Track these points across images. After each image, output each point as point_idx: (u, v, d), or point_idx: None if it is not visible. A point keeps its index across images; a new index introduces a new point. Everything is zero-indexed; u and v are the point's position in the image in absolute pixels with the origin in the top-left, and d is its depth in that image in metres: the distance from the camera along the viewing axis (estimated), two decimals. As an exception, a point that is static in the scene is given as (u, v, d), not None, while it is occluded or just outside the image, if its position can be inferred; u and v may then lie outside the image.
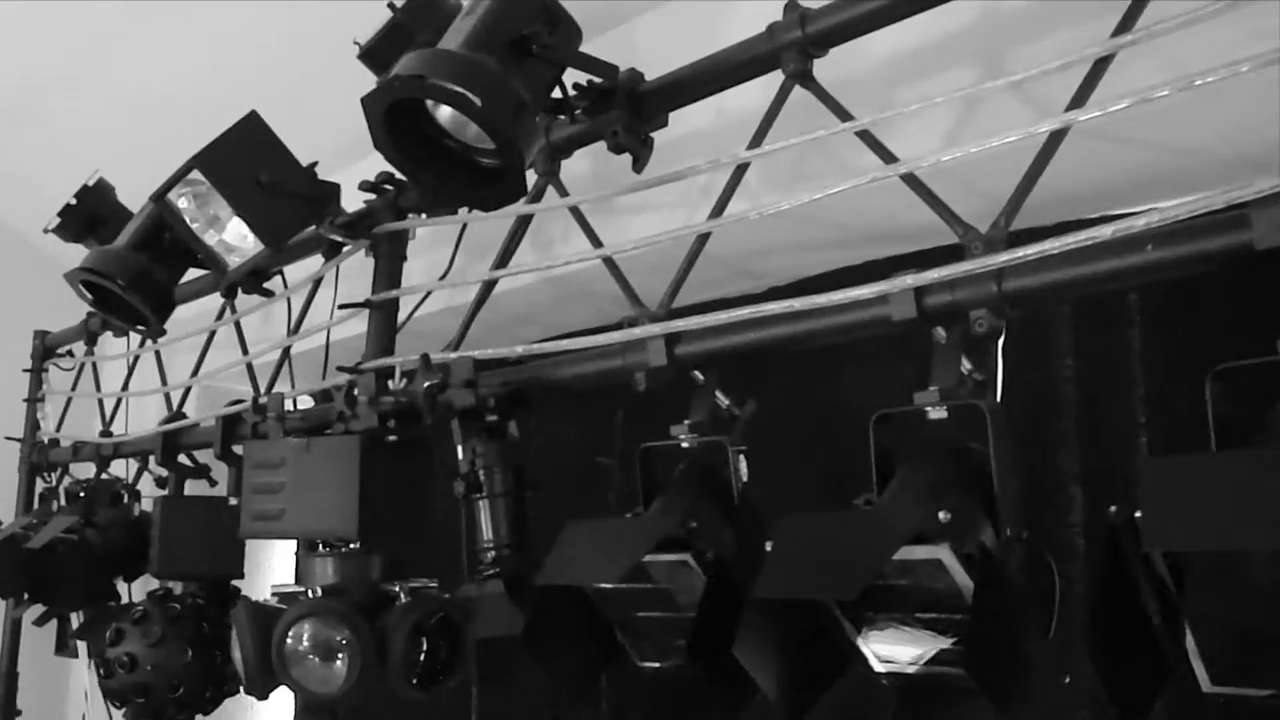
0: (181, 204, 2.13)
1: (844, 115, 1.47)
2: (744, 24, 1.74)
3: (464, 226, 2.16)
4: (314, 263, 2.47)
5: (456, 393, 1.74)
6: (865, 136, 1.45)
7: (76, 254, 3.35)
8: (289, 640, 1.86)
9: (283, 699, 2.74)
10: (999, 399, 2.10)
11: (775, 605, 1.29)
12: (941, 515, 1.17)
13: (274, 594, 1.99)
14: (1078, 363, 2.03)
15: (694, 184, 2.18)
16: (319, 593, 1.91)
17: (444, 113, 1.57)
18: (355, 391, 1.95)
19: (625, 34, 2.32)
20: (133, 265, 2.27)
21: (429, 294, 2.21)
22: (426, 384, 1.70)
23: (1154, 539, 0.99)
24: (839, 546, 1.17)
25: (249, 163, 2.00)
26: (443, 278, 2.17)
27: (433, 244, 2.30)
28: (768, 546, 1.31)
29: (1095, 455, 1.99)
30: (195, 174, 2.03)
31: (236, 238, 2.15)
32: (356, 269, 2.28)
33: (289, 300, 2.52)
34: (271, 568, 3.59)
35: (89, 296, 2.40)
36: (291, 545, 3.48)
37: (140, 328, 2.42)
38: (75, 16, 3.03)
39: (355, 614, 1.84)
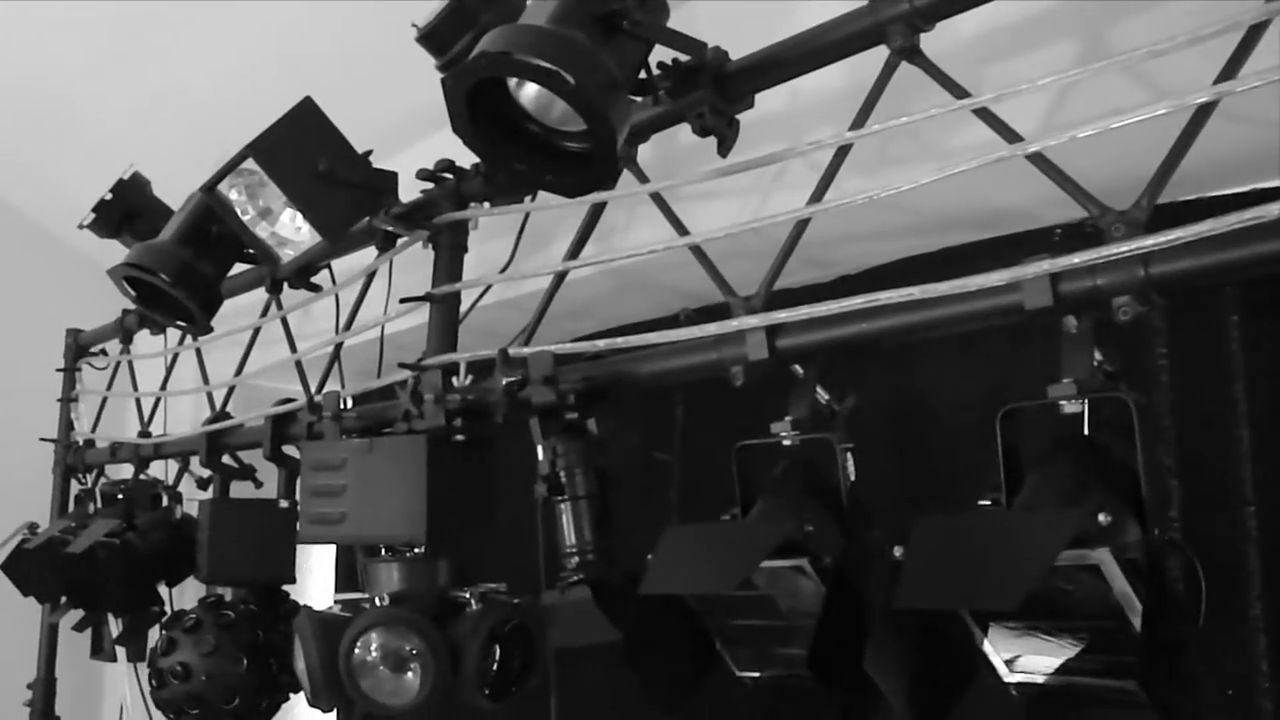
0: (232, 196, 2.05)
1: (960, 92, 1.38)
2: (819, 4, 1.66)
3: (526, 216, 2.08)
4: (359, 256, 2.40)
5: (535, 389, 1.65)
6: (984, 114, 1.36)
7: (109, 250, 3.27)
8: (357, 650, 1.78)
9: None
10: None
11: (906, 615, 1.21)
12: (1101, 517, 1.09)
13: (337, 602, 1.91)
14: (1172, 351, 1.94)
15: (766, 169, 2.10)
16: (385, 600, 1.83)
17: (527, 93, 1.48)
18: (420, 389, 1.87)
19: (688, 15, 2.23)
20: (179, 260, 2.18)
21: (490, 287, 2.13)
22: (506, 380, 1.61)
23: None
24: (991, 551, 1.09)
25: (304, 151, 1.92)
26: (504, 270, 2.08)
27: (482, 237, 2.20)
28: (896, 552, 1.23)
29: (1193, 448, 1.90)
30: (248, 164, 1.94)
31: (290, 230, 2.06)
32: (403, 261, 2.20)
33: (337, 296, 2.43)
34: (310, 569, 3.52)
35: (132, 293, 2.31)
36: (333, 549, 3.43)
37: (186, 324, 2.33)
38: (107, 8, 2.94)
39: (426, 623, 1.76)
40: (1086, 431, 1.29)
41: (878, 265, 2.25)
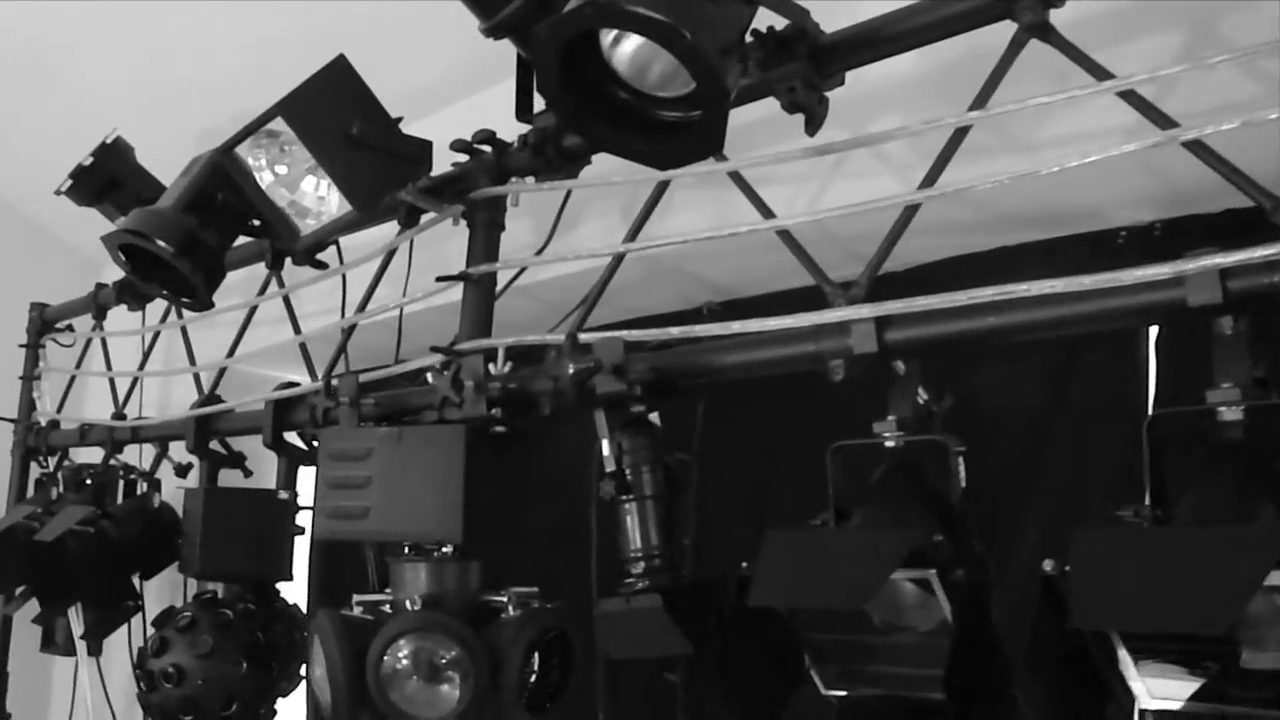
0: (249, 161, 1.89)
1: (1101, 73, 1.28)
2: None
3: (568, 194, 1.95)
4: (363, 235, 2.24)
5: (601, 379, 1.52)
6: (1130, 97, 1.25)
7: (74, 224, 3.06)
8: (386, 658, 1.63)
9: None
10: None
11: (1058, 635, 1.10)
12: (1305, 536, 0.99)
13: (358, 604, 1.75)
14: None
15: (824, 156, 1.98)
16: (417, 604, 1.68)
17: (622, 54, 1.34)
18: (461, 375, 1.73)
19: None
20: (183, 228, 2.00)
21: (523, 269, 1.99)
22: (576, 368, 1.48)
23: None
24: (1183, 569, 0.98)
25: (337, 113, 1.77)
26: (540, 251, 1.95)
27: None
28: (1047, 566, 1.12)
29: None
30: (271, 126, 1.79)
31: (312, 200, 1.91)
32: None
33: (344, 276, 2.28)
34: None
35: (126, 262, 2.12)
36: (306, 546, 3.25)
37: (186, 299, 2.15)
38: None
39: (466, 629, 1.62)
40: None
41: (928, 262, 2.14)
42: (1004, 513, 2.01)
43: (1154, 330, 1.92)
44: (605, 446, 1.53)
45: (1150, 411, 1.90)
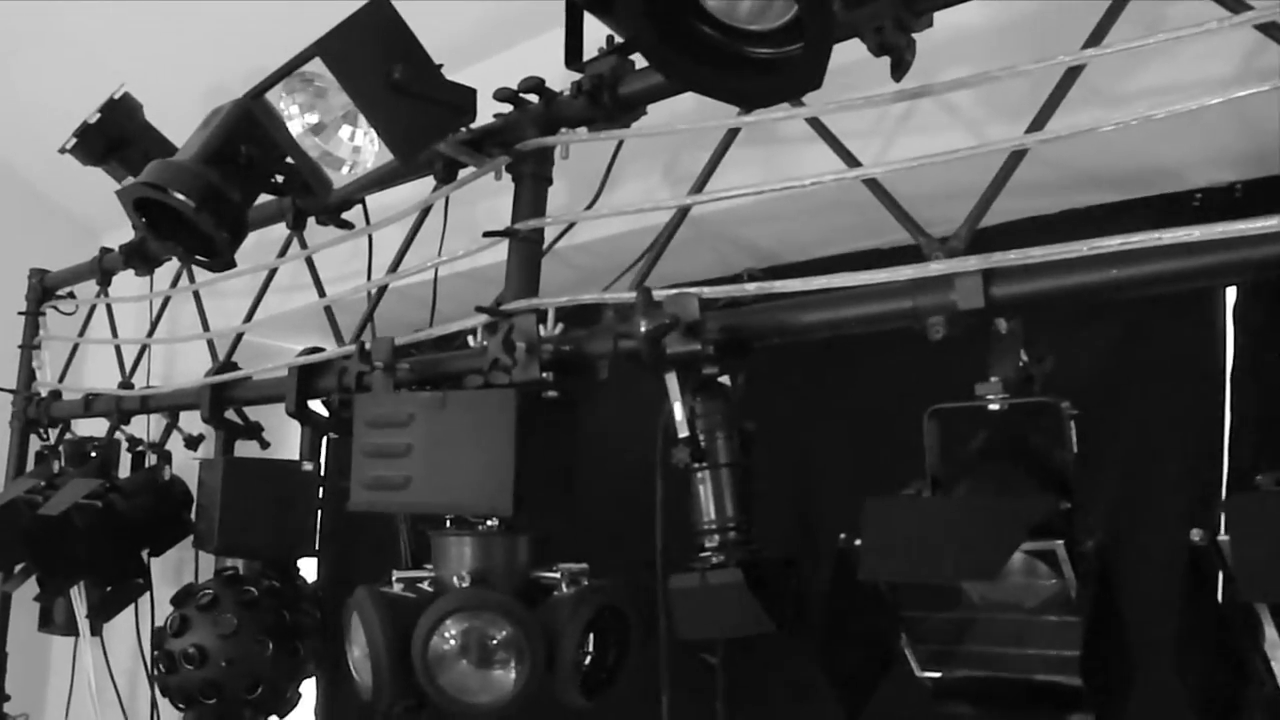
0: (279, 107, 1.77)
1: (1238, 6, 1.18)
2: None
3: (619, 146, 1.84)
4: (385, 196, 2.14)
5: (673, 338, 1.41)
6: (1271, 29, 1.15)
7: (76, 186, 2.93)
8: (434, 639, 1.52)
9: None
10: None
11: (1205, 610, 1.01)
12: None
13: (398, 580, 1.65)
14: None
15: (889, 111, 1.88)
16: (465, 581, 1.58)
17: (713, -15, 1.23)
18: (513, 336, 1.62)
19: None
20: (205, 181, 1.88)
21: (572, 225, 1.89)
22: (652, 324, 1.37)
23: None
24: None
25: (377, 56, 1.64)
26: (590, 206, 1.84)
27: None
28: (1195, 535, 1.03)
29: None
30: (305, 70, 1.67)
31: (346, 150, 1.79)
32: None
33: (370, 236, 2.16)
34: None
35: (141, 219, 2.00)
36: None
37: (204, 259, 2.02)
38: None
39: (521, 608, 1.52)
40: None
41: (992, 225, 2.03)
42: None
43: (1231, 293, 1.83)
44: (678, 411, 1.42)
45: (1229, 375, 1.82)
